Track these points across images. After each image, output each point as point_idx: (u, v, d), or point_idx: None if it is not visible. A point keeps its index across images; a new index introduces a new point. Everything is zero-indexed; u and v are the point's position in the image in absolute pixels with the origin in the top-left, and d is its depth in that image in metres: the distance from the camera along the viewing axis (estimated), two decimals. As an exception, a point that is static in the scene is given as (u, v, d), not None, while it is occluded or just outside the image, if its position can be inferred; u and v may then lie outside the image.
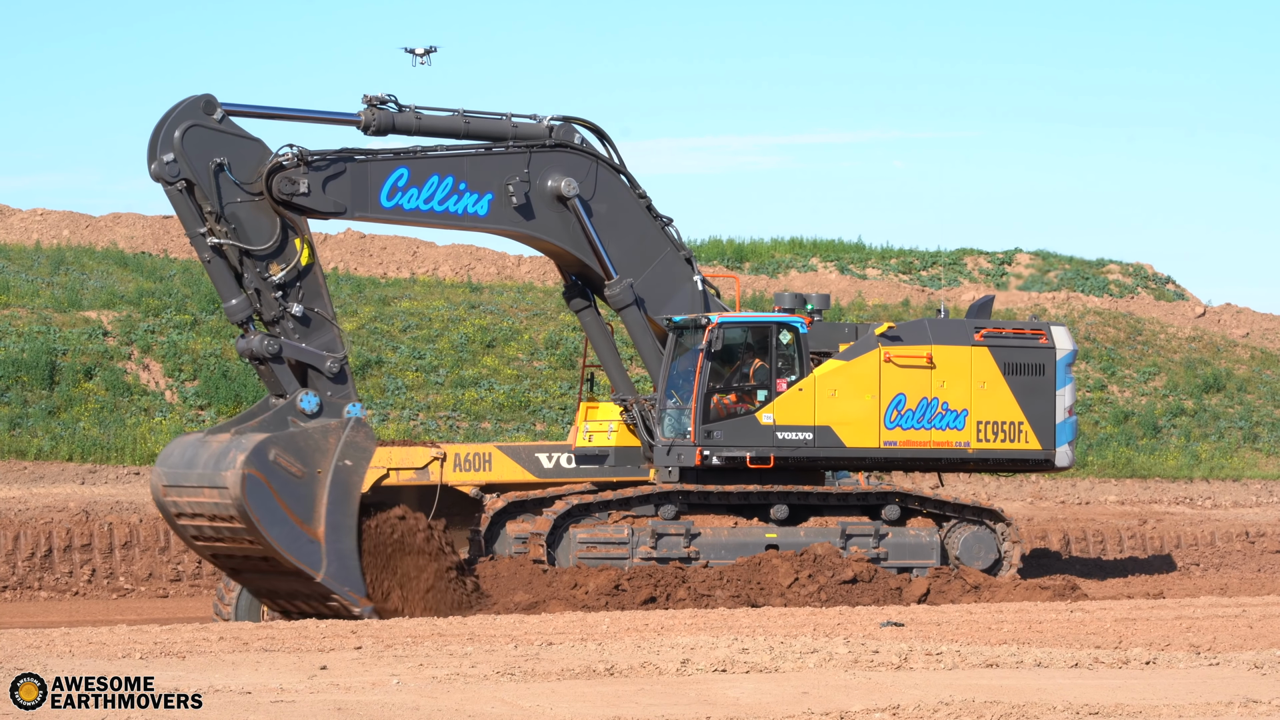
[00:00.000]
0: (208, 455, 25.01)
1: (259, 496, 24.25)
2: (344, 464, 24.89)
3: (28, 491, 36.45)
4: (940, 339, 29.76)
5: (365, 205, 26.13)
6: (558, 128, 27.49)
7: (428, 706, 15.48)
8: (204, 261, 25.36)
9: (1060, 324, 31.00)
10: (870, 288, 60.99)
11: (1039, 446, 30.06)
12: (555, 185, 27.28)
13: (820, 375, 28.90)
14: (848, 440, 29.03)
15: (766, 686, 16.75)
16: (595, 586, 26.29)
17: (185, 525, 25.35)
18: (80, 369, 43.79)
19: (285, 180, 25.30)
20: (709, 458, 28.30)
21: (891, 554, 29.53)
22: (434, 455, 28.40)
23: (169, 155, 24.92)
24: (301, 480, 24.57)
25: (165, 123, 25.14)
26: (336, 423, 25.06)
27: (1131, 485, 48.61)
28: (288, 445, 24.61)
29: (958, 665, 18.22)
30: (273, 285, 25.22)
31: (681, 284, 28.80)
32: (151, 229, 58.15)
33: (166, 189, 25.10)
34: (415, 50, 27.53)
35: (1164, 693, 16.67)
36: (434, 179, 26.51)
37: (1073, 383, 30.45)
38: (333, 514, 24.64)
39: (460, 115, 26.95)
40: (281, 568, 24.82)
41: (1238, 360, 59.17)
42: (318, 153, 25.70)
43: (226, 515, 24.56)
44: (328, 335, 25.57)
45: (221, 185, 25.07)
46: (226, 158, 25.12)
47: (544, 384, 48.14)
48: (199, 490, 24.82)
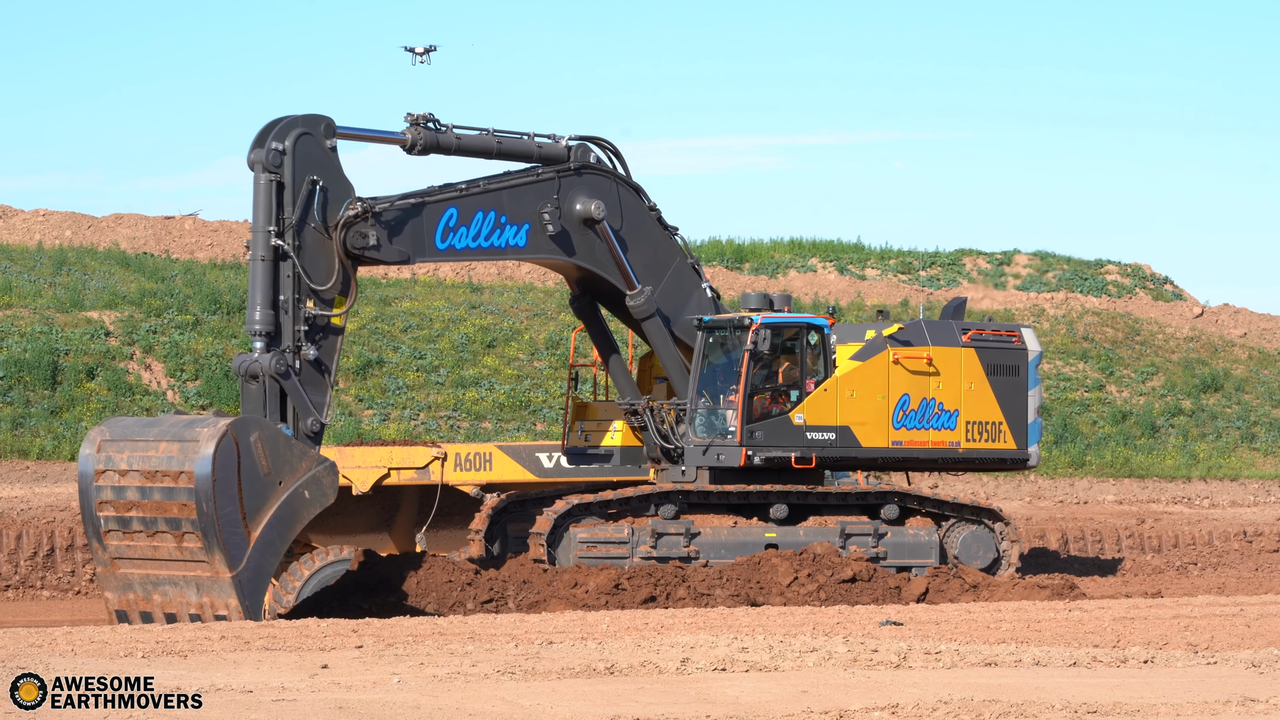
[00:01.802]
0: (173, 420, 24.63)
1: (226, 460, 23.46)
2: (302, 494, 24.19)
3: (30, 491, 36.52)
4: (936, 340, 30.01)
5: (424, 250, 26.47)
6: (575, 148, 27.80)
7: (428, 705, 15.53)
8: (253, 260, 25.07)
9: (1028, 326, 31.36)
10: (869, 288, 61.04)
11: (1015, 446, 30.48)
12: (584, 209, 27.70)
13: (841, 376, 29.14)
14: (863, 440, 29.30)
15: (766, 685, 16.80)
16: (595, 586, 26.38)
17: (103, 486, 24.38)
18: (82, 369, 43.88)
19: (357, 235, 25.39)
20: (753, 458, 28.54)
21: (890, 553, 29.63)
22: (434, 455, 28.52)
23: (280, 145, 24.85)
24: (263, 479, 23.87)
25: (283, 121, 25.08)
26: (315, 454, 24.52)
27: (1129, 485, 48.68)
28: (269, 440, 24.01)
29: (956, 664, 18.27)
30: (305, 318, 25.07)
31: (692, 291, 29.26)
32: (153, 229, 58.20)
33: (259, 176, 24.89)
34: (415, 49, 27.63)
35: (1162, 691, 16.71)
36: (479, 215, 26.86)
37: (1040, 384, 30.89)
38: (270, 529, 23.84)
39: (492, 135, 27.22)
40: (183, 548, 23.86)
41: (1235, 360, 59.23)
42: (381, 200, 25.81)
43: (175, 471, 23.73)
44: (321, 396, 25.20)
45: (310, 204, 25.06)
46: (324, 183, 25.17)
47: (544, 384, 48.21)
48: (154, 445, 24.07)
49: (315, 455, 24.51)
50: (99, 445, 24.55)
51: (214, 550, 23.61)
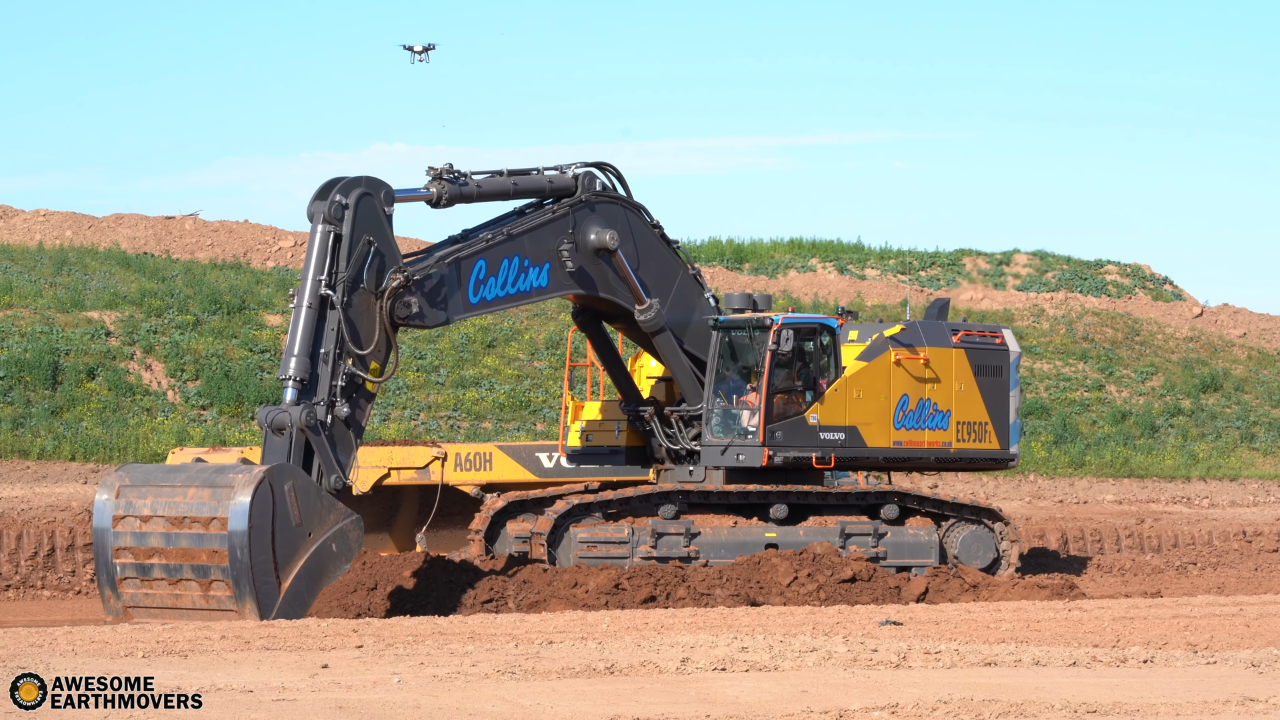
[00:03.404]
0: (200, 467, 24.31)
1: (262, 507, 23.12)
2: (330, 547, 23.90)
3: (30, 491, 36.53)
4: (932, 342, 30.11)
5: (460, 308, 26.52)
6: (582, 176, 27.92)
7: (429, 705, 15.53)
8: (298, 306, 24.84)
9: (1007, 327, 31.52)
10: (869, 288, 61.07)
11: (999, 446, 30.63)
12: (599, 239, 27.90)
13: (849, 376, 29.23)
14: (869, 440, 29.41)
15: (766, 685, 16.81)
16: (595, 586, 26.41)
17: (122, 532, 23.97)
18: (83, 369, 43.88)
19: (402, 305, 25.37)
20: (774, 457, 28.62)
21: (890, 553, 29.67)
22: (435, 455, 28.55)
23: (344, 199, 24.85)
24: (295, 529, 23.52)
25: (348, 179, 25.08)
26: (343, 508, 24.18)
27: (1129, 485, 48.69)
28: (302, 489, 23.67)
29: (956, 664, 18.28)
30: (344, 373, 24.90)
31: (696, 301, 29.50)
32: (154, 230, 58.22)
33: (317, 225, 24.85)
34: (414, 48, 27.67)
35: (1161, 691, 16.73)
36: (505, 263, 26.98)
37: (1020, 385, 31.07)
38: (300, 581, 23.55)
39: (507, 176, 27.29)
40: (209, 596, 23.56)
41: (1235, 360, 59.25)
42: (418, 265, 25.78)
43: (206, 517, 23.35)
44: (346, 456, 24.91)
45: (364, 264, 24.98)
46: (378, 246, 25.14)
47: (544, 384, 48.23)
48: (181, 490, 23.67)
49: (342, 509, 24.19)
50: (118, 491, 24.08)
51: (245, 599, 23.23)
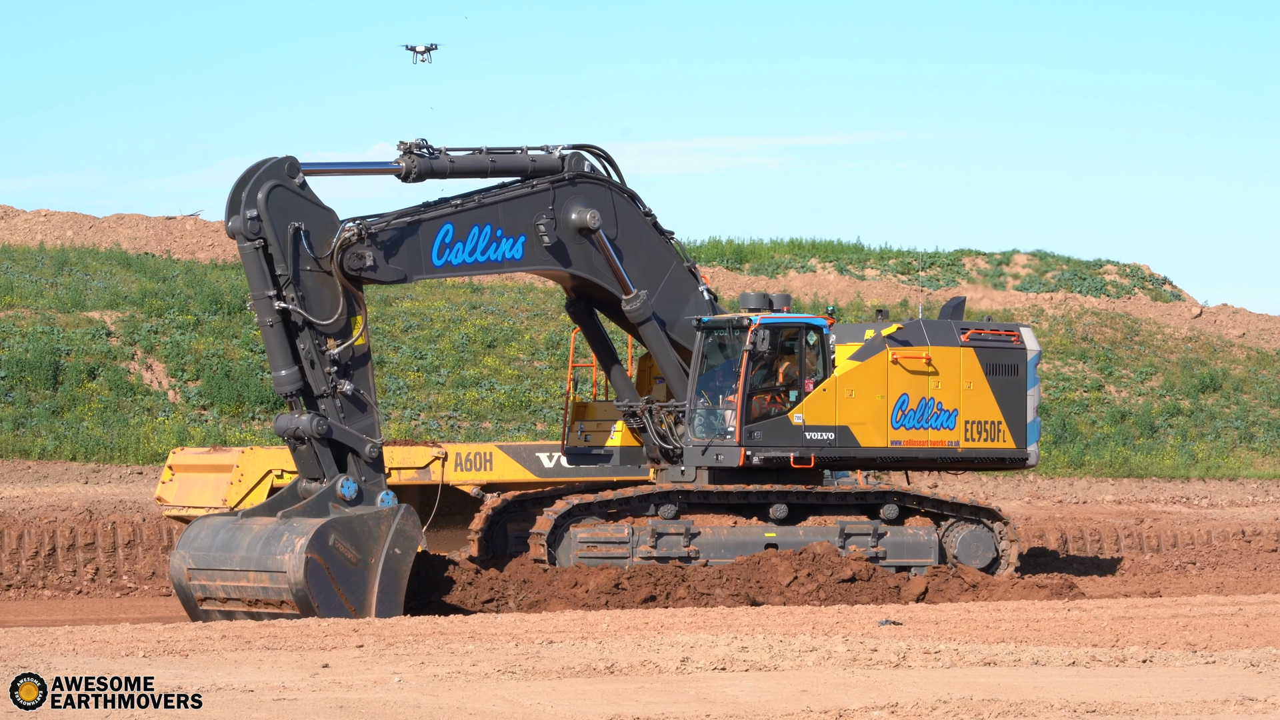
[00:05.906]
0: (250, 539, 24.55)
1: (319, 581, 23.86)
2: (394, 552, 24.53)
3: (31, 491, 36.57)
4: (935, 340, 30.05)
5: (420, 267, 26.44)
6: (569, 157, 27.76)
7: (429, 704, 15.56)
8: (263, 326, 25.04)
9: (1027, 325, 31.41)
10: (869, 288, 61.08)
11: (1014, 445, 30.54)
12: (580, 218, 27.68)
13: (840, 376, 29.17)
14: (862, 440, 29.34)
15: (765, 685, 16.84)
16: (595, 585, 26.43)
17: (211, 609, 24.83)
18: (84, 369, 43.93)
19: (354, 256, 25.29)
20: (751, 458, 28.57)
21: (890, 553, 29.67)
22: (435, 455, 28.57)
23: (253, 212, 24.71)
24: (355, 567, 24.21)
25: (249, 179, 24.92)
26: (388, 510, 24.68)
27: (1128, 485, 48.73)
28: (345, 531, 24.26)
29: (955, 663, 18.31)
30: (330, 360, 25.05)
31: (689, 294, 29.30)
32: (154, 230, 58.25)
33: (242, 246, 24.88)
34: (416, 48, 27.63)
35: (1161, 691, 16.75)
36: (475, 230, 26.82)
37: (1039, 383, 30.97)
38: (382, 603, 24.28)
39: (485, 154, 27.14)
40: None
41: (1234, 360, 59.28)
42: (376, 220, 25.77)
43: (276, 600, 24.09)
44: (369, 419, 25.28)
45: (298, 251, 24.94)
46: (305, 224, 25.04)
47: (545, 384, 48.27)
48: (242, 574, 24.35)
49: (388, 511, 24.72)
50: (188, 574, 25.00)
51: None
